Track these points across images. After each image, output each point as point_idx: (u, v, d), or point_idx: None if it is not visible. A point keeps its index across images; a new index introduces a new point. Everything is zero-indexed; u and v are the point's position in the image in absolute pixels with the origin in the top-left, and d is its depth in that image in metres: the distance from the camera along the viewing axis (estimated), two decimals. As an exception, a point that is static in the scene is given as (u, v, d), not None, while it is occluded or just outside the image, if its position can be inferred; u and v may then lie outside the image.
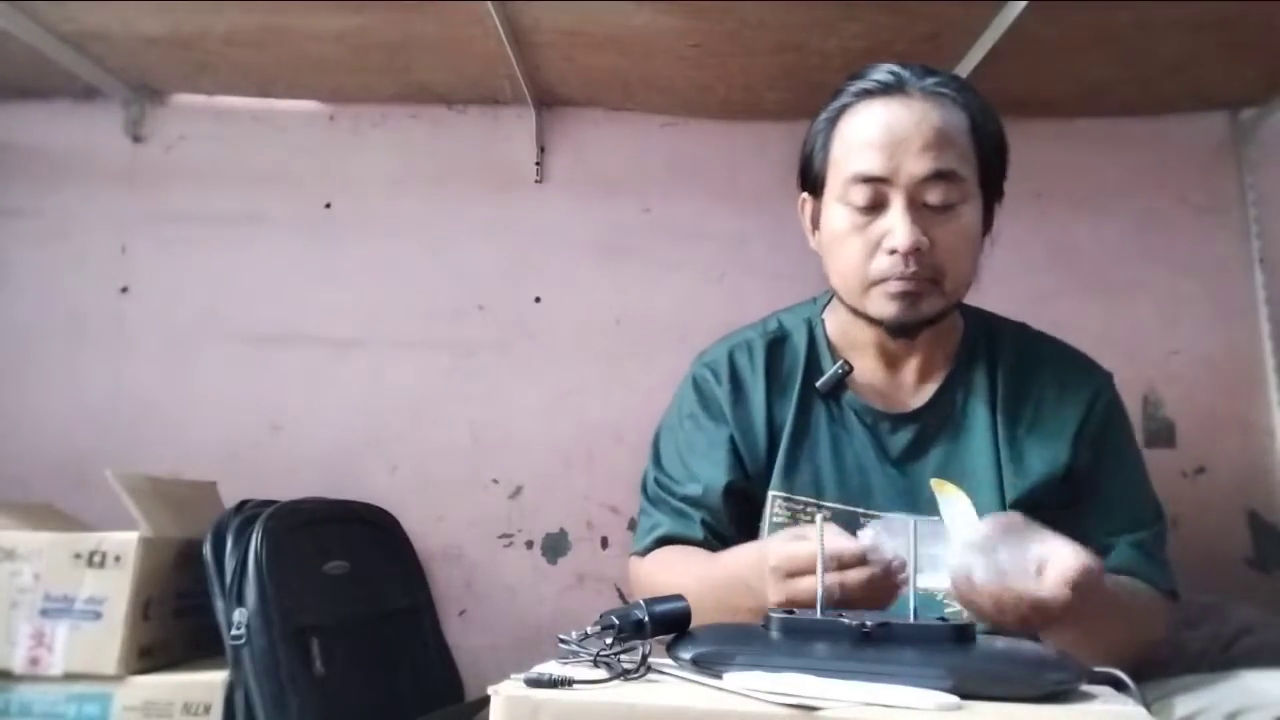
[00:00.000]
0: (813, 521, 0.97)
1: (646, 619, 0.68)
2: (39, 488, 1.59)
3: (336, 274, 1.81)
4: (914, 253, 0.91)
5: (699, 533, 1.01)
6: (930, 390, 1.02)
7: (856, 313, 0.99)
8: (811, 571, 0.72)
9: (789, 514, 1.00)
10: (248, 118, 1.85)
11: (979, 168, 0.96)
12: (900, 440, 1.01)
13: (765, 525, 1.00)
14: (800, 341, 1.07)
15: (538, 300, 1.81)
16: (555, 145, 1.86)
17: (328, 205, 1.83)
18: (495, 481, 1.76)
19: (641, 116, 1.85)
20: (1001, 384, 1.01)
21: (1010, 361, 1.03)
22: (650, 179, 1.83)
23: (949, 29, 1.48)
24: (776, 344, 1.07)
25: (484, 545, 1.74)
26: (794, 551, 0.77)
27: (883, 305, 0.94)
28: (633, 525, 1.43)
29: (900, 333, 0.97)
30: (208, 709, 1.21)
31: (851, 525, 0.95)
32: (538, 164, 1.84)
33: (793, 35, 1.50)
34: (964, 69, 1.58)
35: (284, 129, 1.85)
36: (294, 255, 1.81)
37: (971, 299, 1.08)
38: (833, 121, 0.99)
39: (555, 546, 1.74)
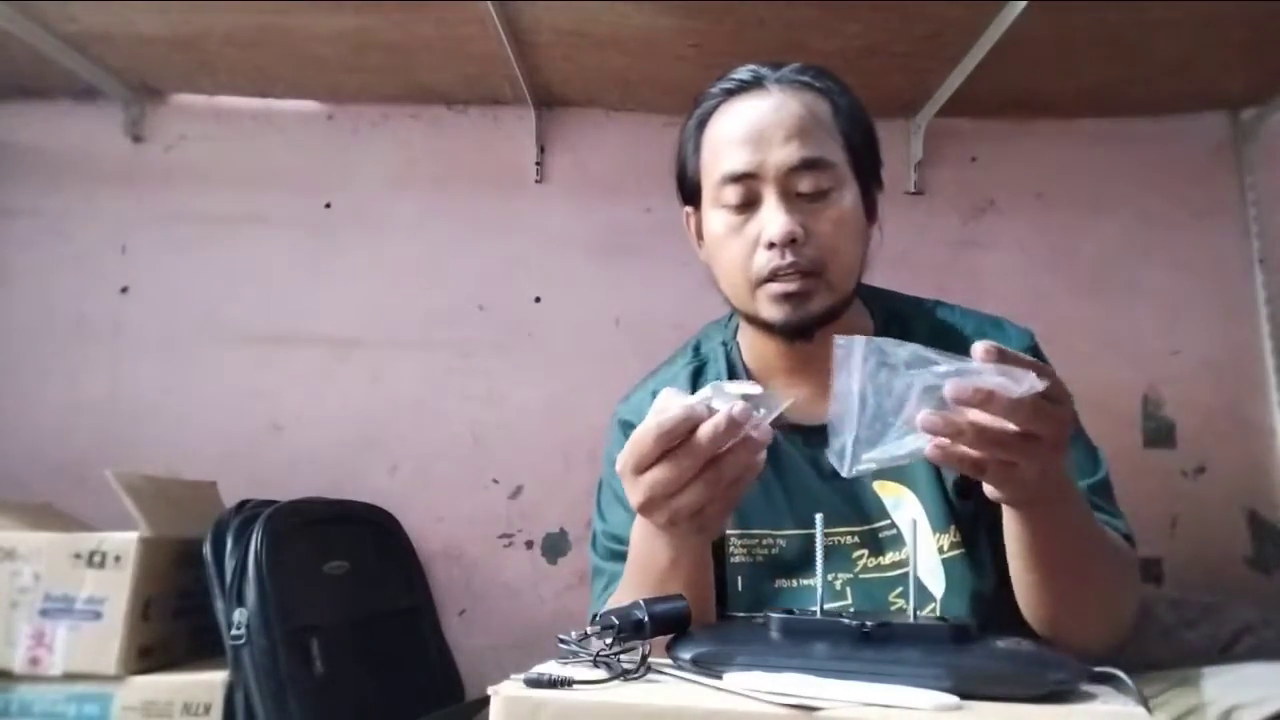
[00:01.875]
0: (771, 553, 0.95)
1: (646, 619, 0.68)
2: (39, 488, 1.59)
3: (336, 274, 1.81)
4: (790, 243, 0.88)
5: None
6: None
7: (751, 320, 0.96)
8: (655, 456, 0.69)
9: (745, 550, 0.96)
10: (248, 118, 1.85)
11: (848, 154, 0.94)
12: (830, 457, 0.96)
13: (726, 566, 0.96)
14: (720, 368, 1.03)
15: (537, 300, 1.81)
16: (555, 145, 1.86)
17: (328, 205, 1.83)
18: (495, 481, 1.76)
19: (641, 116, 1.85)
20: None
21: (922, 335, 0.98)
22: (650, 179, 1.83)
23: (949, 29, 1.48)
24: (697, 376, 1.04)
25: (484, 545, 1.74)
26: (631, 443, 0.71)
27: (771, 309, 0.91)
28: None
29: (794, 335, 0.93)
30: (208, 709, 1.21)
31: (809, 552, 0.91)
32: (538, 164, 1.84)
33: (793, 35, 1.50)
34: (964, 69, 1.58)
35: (284, 129, 1.85)
36: (294, 255, 1.81)
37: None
38: (699, 128, 0.98)
39: (555, 546, 1.74)
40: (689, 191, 1.01)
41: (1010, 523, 0.78)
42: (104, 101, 1.82)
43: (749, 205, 0.92)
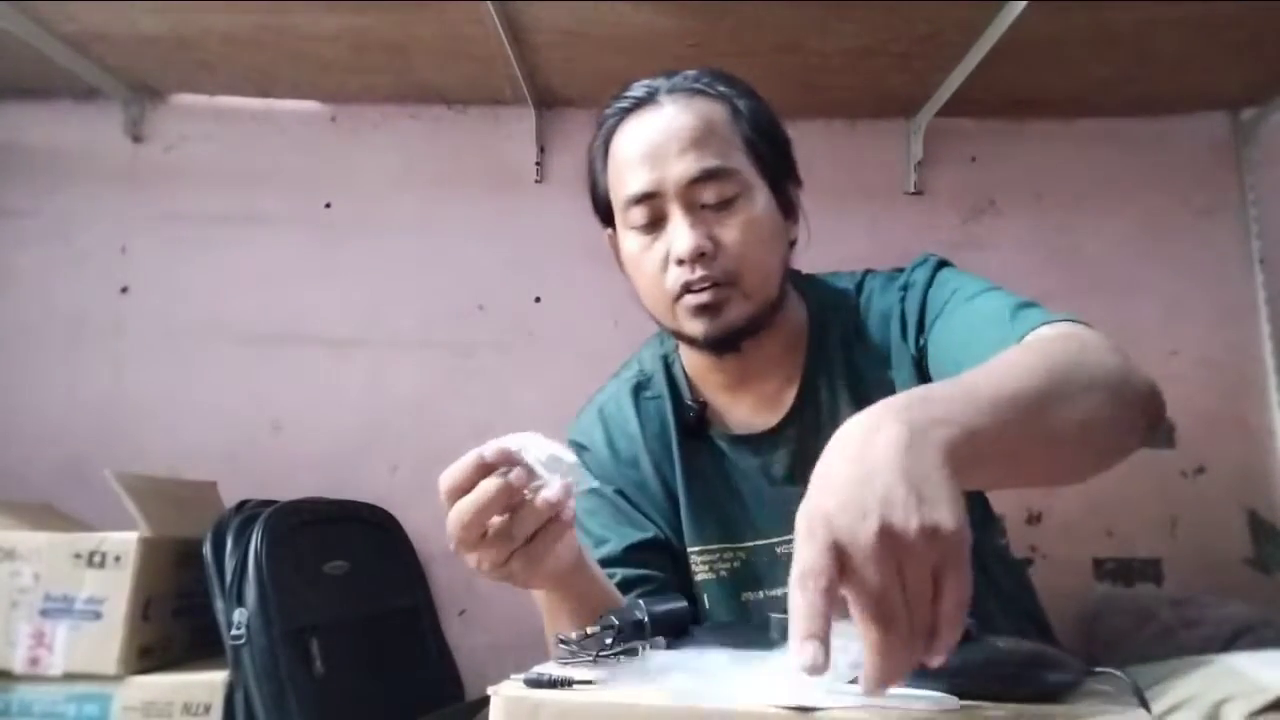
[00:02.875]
0: (734, 566, 0.94)
1: (646, 619, 0.68)
2: (39, 488, 1.59)
3: (336, 274, 1.81)
4: (699, 258, 0.87)
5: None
6: (789, 401, 0.96)
7: (679, 336, 0.95)
8: (459, 487, 0.69)
9: (707, 566, 0.95)
10: (248, 118, 1.85)
11: (752, 157, 0.91)
12: (782, 457, 0.95)
13: (693, 584, 0.95)
14: (661, 382, 1.02)
15: (538, 300, 1.81)
16: (555, 145, 1.86)
17: (328, 205, 1.83)
18: (495, 481, 1.75)
19: (641, 116, 1.85)
20: (856, 360, 0.95)
21: (861, 329, 0.96)
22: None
23: (949, 29, 1.48)
24: (640, 391, 1.03)
25: (484, 545, 1.73)
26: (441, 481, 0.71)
27: (690, 324, 0.90)
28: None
29: (719, 348, 0.91)
30: (208, 709, 1.21)
31: (772, 562, 0.92)
32: (538, 164, 1.84)
33: (792, 35, 1.50)
34: (964, 69, 1.58)
35: (284, 129, 1.85)
36: (294, 255, 1.81)
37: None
38: (604, 148, 0.96)
39: (555, 546, 1.74)
40: (603, 213, 1.00)
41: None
42: (104, 101, 1.82)
43: (656, 223, 0.90)
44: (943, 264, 0.96)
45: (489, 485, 0.67)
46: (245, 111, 1.85)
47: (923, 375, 0.90)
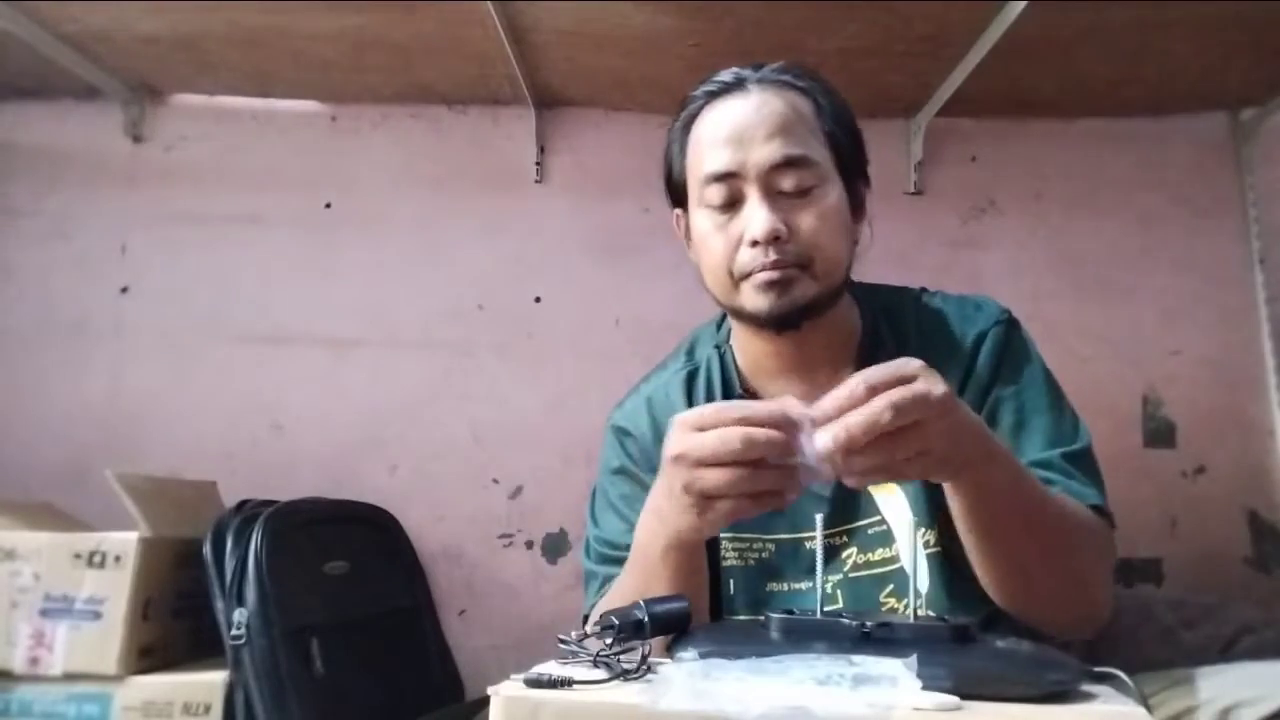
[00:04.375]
0: (762, 557, 0.95)
1: (646, 619, 0.68)
2: (39, 488, 1.59)
3: (336, 274, 1.81)
4: (773, 241, 0.89)
5: None
6: None
7: (738, 315, 0.96)
8: (715, 424, 0.68)
9: (737, 554, 0.96)
10: (248, 118, 1.85)
11: (832, 152, 0.94)
12: None
13: (720, 569, 0.96)
14: (713, 372, 1.03)
15: (538, 300, 1.81)
16: (555, 145, 1.86)
17: (328, 205, 1.83)
18: (495, 481, 1.76)
19: (641, 116, 1.85)
20: (906, 352, 0.98)
21: (914, 337, 0.99)
22: (650, 179, 1.80)
23: (949, 29, 1.48)
24: (690, 380, 1.03)
25: (484, 545, 1.74)
26: (712, 406, 0.72)
27: (755, 299, 0.92)
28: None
29: (780, 324, 0.93)
30: (208, 709, 1.21)
31: (798, 556, 0.93)
32: (538, 164, 1.84)
33: (792, 35, 1.50)
34: (964, 69, 1.58)
35: (284, 129, 1.85)
36: (294, 255, 1.81)
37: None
38: (684, 131, 0.98)
39: (555, 546, 1.74)
40: (676, 193, 1.01)
41: (949, 497, 0.79)
42: (104, 101, 1.82)
43: (732, 204, 0.92)
44: (1013, 325, 1.00)
45: (774, 434, 0.68)
46: (245, 111, 1.85)
47: None
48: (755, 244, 0.90)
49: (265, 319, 1.79)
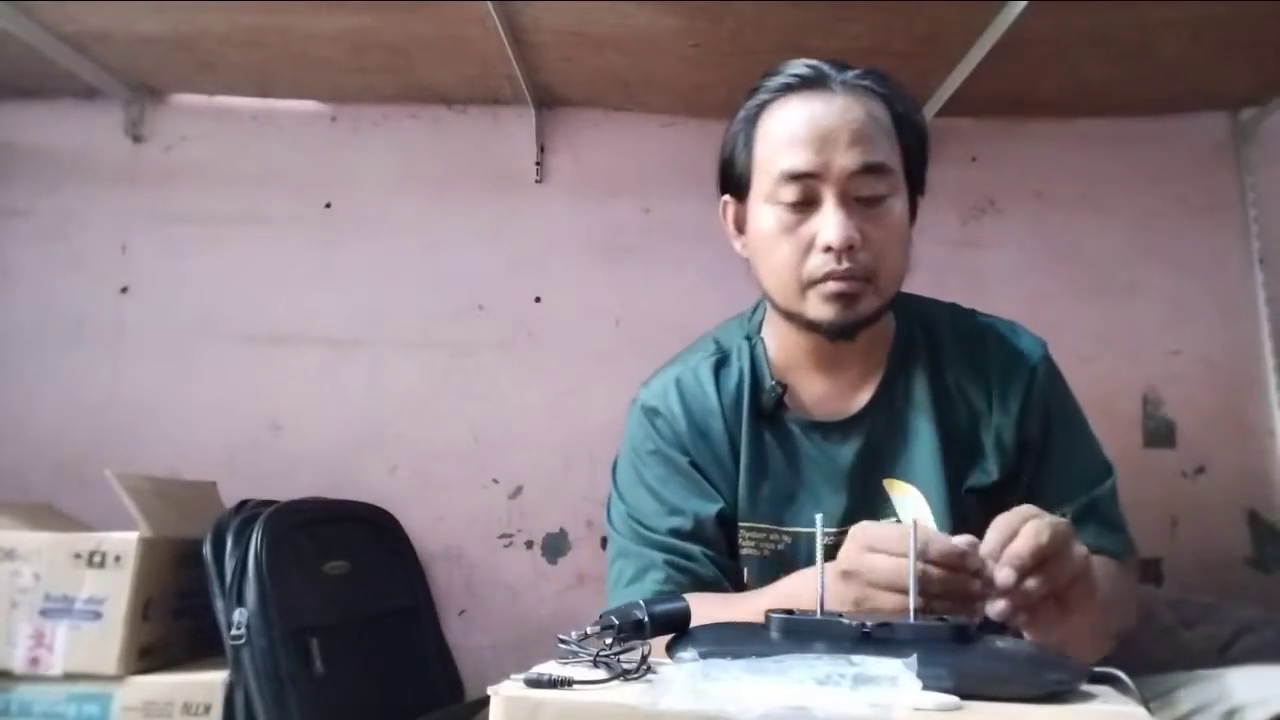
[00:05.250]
0: (777, 549, 0.96)
1: (646, 619, 0.68)
2: (39, 488, 1.59)
3: (336, 274, 1.81)
4: (848, 249, 0.89)
5: (708, 569, 0.94)
6: (868, 393, 0.99)
7: (792, 317, 0.96)
8: (894, 552, 0.70)
9: (754, 543, 0.97)
10: (248, 118, 1.85)
11: (903, 160, 0.94)
12: (848, 450, 0.98)
13: (739, 557, 0.97)
14: (742, 362, 1.03)
15: (538, 300, 1.81)
16: (555, 145, 1.86)
17: (328, 205, 1.83)
18: (495, 481, 1.76)
19: (641, 116, 1.85)
20: (941, 373, 0.99)
21: (948, 348, 1.01)
22: (650, 179, 1.83)
23: (949, 29, 1.48)
24: (720, 367, 1.03)
25: (484, 545, 1.74)
26: (899, 530, 0.73)
27: (820, 308, 0.92)
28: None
29: (839, 335, 0.94)
30: (208, 709, 1.21)
31: (813, 551, 0.94)
32: (538, 164, 1.84)
33: (792, 35, 1.50)
34: (964, 69, 1.58)
35: (284, 129, 1.85)
36: (294, 255, 1.81)
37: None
38: (753, 120, 0.96)
39: (555, 546, 1.74)
40: (735, 182, 1.00)
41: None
42: (104, 101, 1.82)
43: (805, 205, 0.91)
44: (1051, 358, 1.02)
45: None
46: (245, 111, 1.85)
47: (1005, 453, 0.97)
48: (828, 250, 0.89)
49: (265, 319, 1.79)
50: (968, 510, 0.93)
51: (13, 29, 1.51)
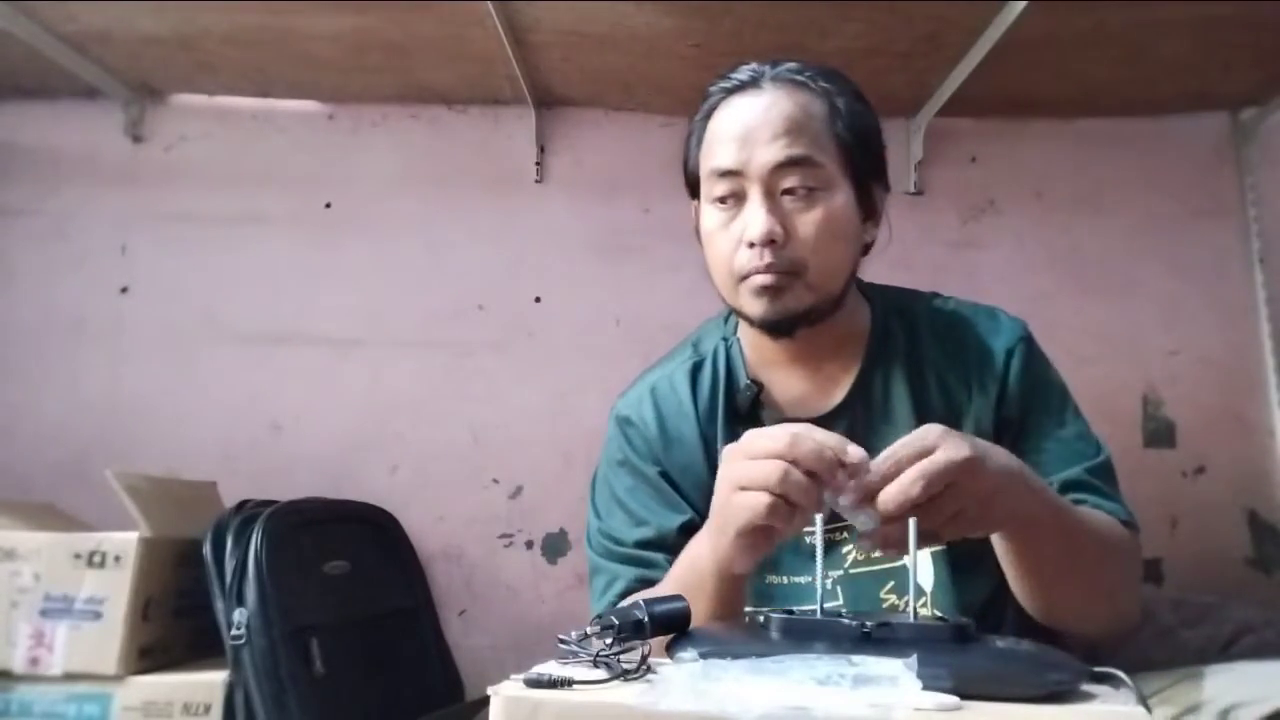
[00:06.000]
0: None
1: (646, 619, 0.68)
2: (39, 488, 1.59)
3: (336, 274, 1.81)
4: (769, 244, 0.89)
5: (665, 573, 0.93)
6: (845, 388, 0.99)
7: (740, 315, 0.97)
8: (758, 455, 0.71)
9: None
10: (248, 118, 1.85)
11: (842, 154, 0.93)
12: None
13: None
14: (718, 364, 1.03)
15: (537, 300, 1.81)
16: (555, 145, 1.86)
17: (328, 205, 1.83)
18: (495, 481, 1.76)
19: (641, 116, 1.85)
20: (920, 364, 0.99)
21: (926, 339, 1.00)
22: (650, 179, 1.83)
23: (949, 29, 1.48)
24: (696, 372, 1.04)
25: (484, 545, 1.74)
26: (768, 432, 0.73)
27: (750, 303, 0.92)
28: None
29: (774, 330, 0.94)
30: (208, 709, 1.21)
31: (798, 550, 0.94)
32: (538, 164, 1.84)
33: (793, 35, 1.50)
34: (964, 69, 1.58)
35: (284, 129, 1.85)
36: (294, 255, 1.81)
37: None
38: (703, 124, 0.98)
39: (555, 546, 1.74)
40: (692, 186, 1.02)
41: (995, 543, 0.82)
42: (104, 101, 1.82)
43: (735, 201, 0.93)
44: (1032, 340, 1.01)
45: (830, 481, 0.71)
46: (245, 111, 1.85)
47: (985, 437, 0.95)
48: (752, 245, 0.90)
49: (265, 319, 1.79)
50: None
51: (13, 29, 1.51)
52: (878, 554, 0.91)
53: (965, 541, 0.82)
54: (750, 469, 0.71)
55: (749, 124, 0.92)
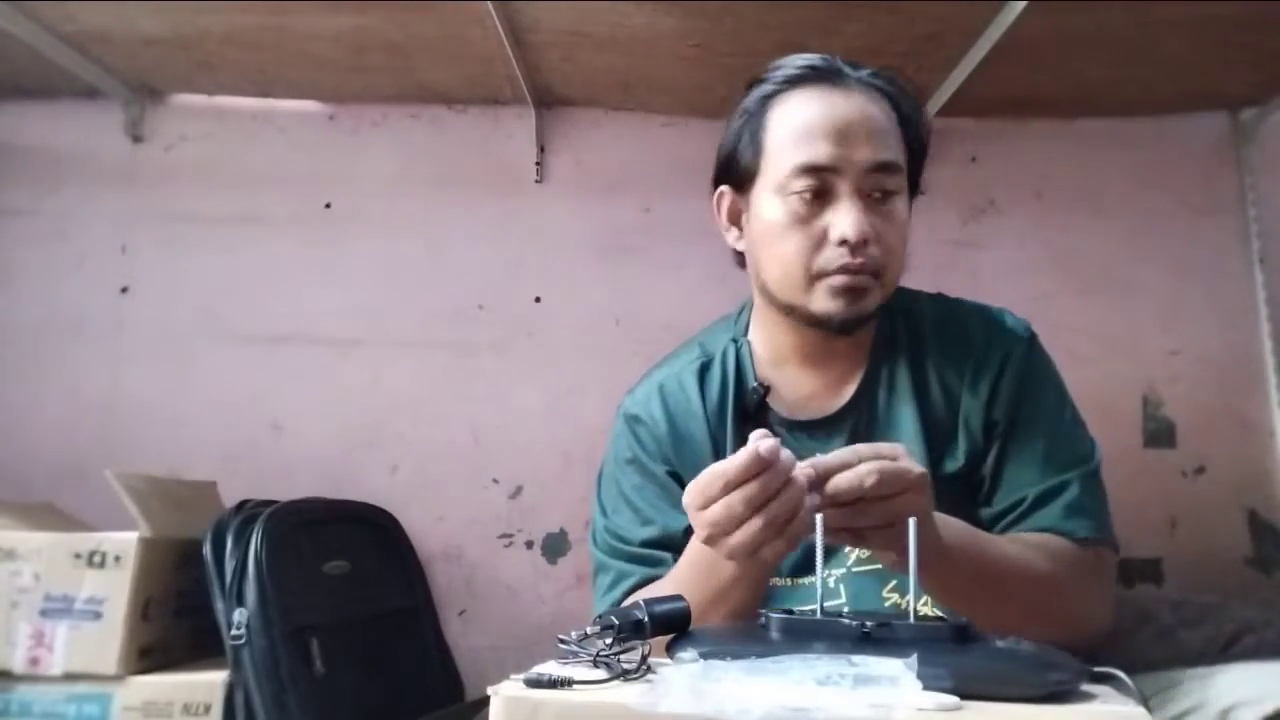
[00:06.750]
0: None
1: (646, 619, 0.68)
2: (39, 488, 1.59)
3: (336, 274, 1.81)
4: (862, 244, 0.89)
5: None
6: (852, 388, 1.00)
7: (792, 311, 0.95)
8: (717, 495, 0.70)
9: None
10: (248, 118, 1.85)
11: (907, 161, 0.96)
12: (833, 448, 0.96)
13: None
14: (727, 364, 1.03)
15: (538, 300, 1.81)
16: (555, 145, 1.86)
17: (328, 205, 1.83)
18: (495, 481, 1.76)
19: (641, 116, 1.85)
20: (923, 363, 0.99)
21: (930, 338, 1.01)
22: (650, 179, 1.83)
23: (949, 29, 1.48)
24: (704, 372, 1.03)
25: (484, 545, 1.74)
26: (696, 482, 0.72)
27: (826, 301, 0.92)
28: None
29: (841, 329, 0.94)
30: (208, 709, 1.21)
31: (802, 551, 0.93)
32: (538, 164, 1.84)
33: (793, 35, 1.50)
34: (964, 69, 1.58)
35: (284, 129, 1.85)
36: (294, 255, 1.81)
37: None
38: (761, 110, 0.96)
39: (555, 546, 1.74)
40: (738, 173, 0.99)
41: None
42: (104, 101, 1.82)
43: (819, 198, 0.91)
44: (1035, 343, 1.01)
45: (772, 480, 0.69)
46: (245, 111, 1.85)
47: (972, 436, 0.97)
48: (843, 244, 0.90)
49: (265, 319, 1.79)
50: (956, 497, 0.92)
51: (13, 29, 1.51)
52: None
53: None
54: (713, 515, 0.70)
55: (845, 120, 0.91)
